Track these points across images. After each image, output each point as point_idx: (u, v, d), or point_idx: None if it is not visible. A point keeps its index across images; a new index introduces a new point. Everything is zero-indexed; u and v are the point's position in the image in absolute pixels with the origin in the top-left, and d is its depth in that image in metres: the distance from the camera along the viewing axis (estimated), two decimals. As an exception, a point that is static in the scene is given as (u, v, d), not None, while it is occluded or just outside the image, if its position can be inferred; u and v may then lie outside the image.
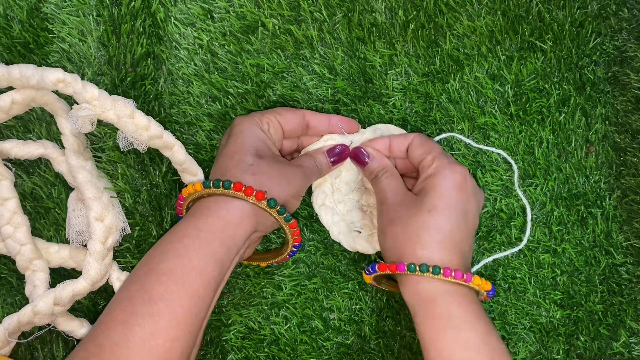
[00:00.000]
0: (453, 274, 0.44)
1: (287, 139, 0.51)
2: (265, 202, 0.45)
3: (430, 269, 0.44)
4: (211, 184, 0.45)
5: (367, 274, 0.49)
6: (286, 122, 0.49)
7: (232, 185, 0.44)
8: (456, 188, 0.46)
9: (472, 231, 0.48)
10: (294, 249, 0.50)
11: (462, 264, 0.45)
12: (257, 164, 0.46)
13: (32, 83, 0.47)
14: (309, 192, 0.53)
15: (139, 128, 0.48)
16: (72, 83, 0.46)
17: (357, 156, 0.51)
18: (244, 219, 0.45)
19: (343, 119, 0.51)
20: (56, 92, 0.49)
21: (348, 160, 0.52)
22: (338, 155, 0.51)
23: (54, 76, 0.46)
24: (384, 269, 0.46)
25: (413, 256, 0.45)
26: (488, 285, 0.46)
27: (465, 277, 0.44)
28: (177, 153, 0.50)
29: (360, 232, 0.52)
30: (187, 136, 0.53)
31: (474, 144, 0.52)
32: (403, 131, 0.52)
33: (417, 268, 0.44)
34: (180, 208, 0.49)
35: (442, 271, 0.44)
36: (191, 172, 0.51)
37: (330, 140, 0.51)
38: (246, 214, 0.45)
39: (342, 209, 0.53)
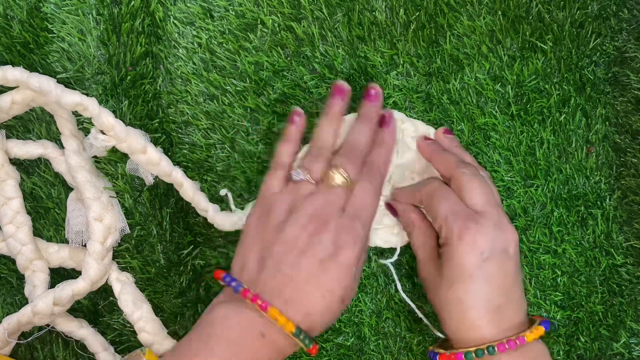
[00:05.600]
0: (507, 346, 0.45)
1: None
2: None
3: (486, 351, 0.45)
4: (301, 337, 0.45)
5: (429, 357, 0.51)
6: None
7: (311, 346, 0.46)
8: (471, 252, 0.46)
9: (500, 284, 0.47)
10: None
11: (496, 325, 0.46)
12: (338, 314, 0.48)
13: (50, 98, 0.50)
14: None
15: (150, 163, 0.51)
16: (89, 108, 0.49)
17: (390, 210, 0.53)
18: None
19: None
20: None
21: None
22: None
23: (72, 99, 0.49)
24: None
25: (446, 325, 0.48)
26: (540, 331, 0.47)
27: (518, 341, 0.46)
28: (186, 190, 0.53)
29: None
30: (183, 136, 0.56)
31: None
32: (430, 128, 0.55)
33: (474, 355, 0.46)
34: (239, 289, 0.47)
35: (496, 349, 0.45)
36: (201, 208, 0.54)
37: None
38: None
39: None
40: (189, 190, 0.53)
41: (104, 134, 0.51)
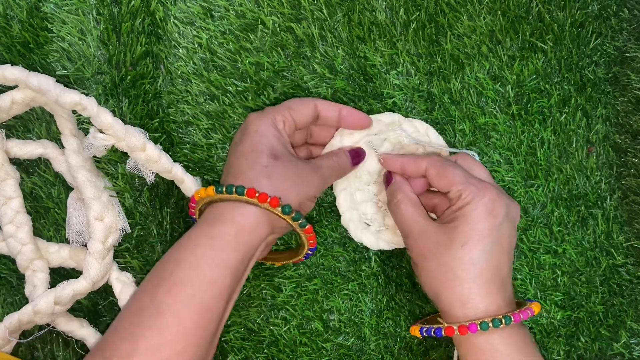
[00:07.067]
0: (521, 316, 0.46)
1: (297, 130, 0.53)
2: (280, 209, 0.47)
3: (490, 325, 0.45)
4: (224, 190, 0.47)
5: (425, 334, 0.50)
6: (299, 117, 0.52)
7: (245, 192, 0.46)
8: (487, 215, 0.47)
9: (508, 252, 0.49)
10: (309, 252, 0.53)
11: (503, 295, 0.47)
12: (272, 165, 0.48)
13: (49, 97, 0.50)
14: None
15: (150, 160, 0.52)
16: (87, 107, 0.50)
17: (384, 176, 0.54)
18: (258, 225, 0.47)
19: (352, 112, 0.53)
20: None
21: (370, 150, 0.54)
22: (358, 156, 0.54)
23: (71, 99, 0.50)
24: (452, 333, 0.47)
25: (451, 293, 0.47)
26: (539, 306, 0.48)
27: (529, 312, 0.47)
28: (187, 187, 0.54)
29: (369, 225, 0.55)
30: (184, 136, 0.56)
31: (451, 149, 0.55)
32: (430, 128, 0.55)
33: (491, 325, 0.45)
34: (193, 210, 0.51)
35: (512, 318, 0.46)
36: None
37: (347, 135, 0.54)
38: (261, 220, 0.47)
39: (358, 197, 0.55)
40: (191, 186, 0.53)
41: (103, 133, 0.51)
